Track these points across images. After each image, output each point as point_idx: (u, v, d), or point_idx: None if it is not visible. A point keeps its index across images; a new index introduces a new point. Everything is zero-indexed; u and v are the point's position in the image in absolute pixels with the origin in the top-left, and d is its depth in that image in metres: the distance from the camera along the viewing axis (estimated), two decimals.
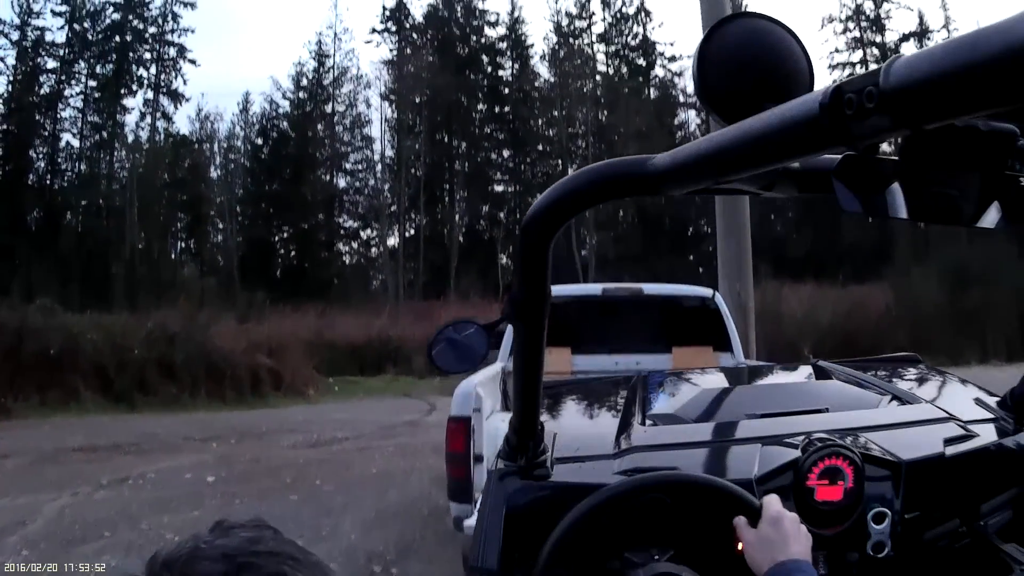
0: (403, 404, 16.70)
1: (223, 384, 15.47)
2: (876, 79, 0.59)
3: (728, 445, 1.97)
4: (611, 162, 1.11)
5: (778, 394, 2.39)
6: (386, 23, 42.04)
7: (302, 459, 9.44)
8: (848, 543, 1.70)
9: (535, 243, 1.29)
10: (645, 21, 41.87)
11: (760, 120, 0.76)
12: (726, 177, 0.89)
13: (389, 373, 21.97)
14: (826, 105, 0.64)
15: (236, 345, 16.95)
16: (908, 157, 0.68)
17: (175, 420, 13.04)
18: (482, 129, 42.94)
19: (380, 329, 24.29)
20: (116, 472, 8.69)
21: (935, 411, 2.04)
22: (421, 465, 8.69)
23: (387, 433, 12.09)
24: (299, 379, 17.77)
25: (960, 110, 0.56)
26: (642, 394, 2.43)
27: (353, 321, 26.06)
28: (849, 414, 2.04)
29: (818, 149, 0.71)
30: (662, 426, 2.13)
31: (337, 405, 16.50)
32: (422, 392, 18.92)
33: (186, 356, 14.98)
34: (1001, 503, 1.84)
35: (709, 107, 0.89)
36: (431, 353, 1.63)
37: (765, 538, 1.39)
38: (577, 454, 1.90)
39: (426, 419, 14.03)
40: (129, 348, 14.28)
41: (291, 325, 24.59)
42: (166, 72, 38.96)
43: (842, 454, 1.68)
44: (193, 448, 10.32)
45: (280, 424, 12.90)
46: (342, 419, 13.58)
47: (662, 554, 1.51)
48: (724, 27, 0.90)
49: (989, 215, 0.73)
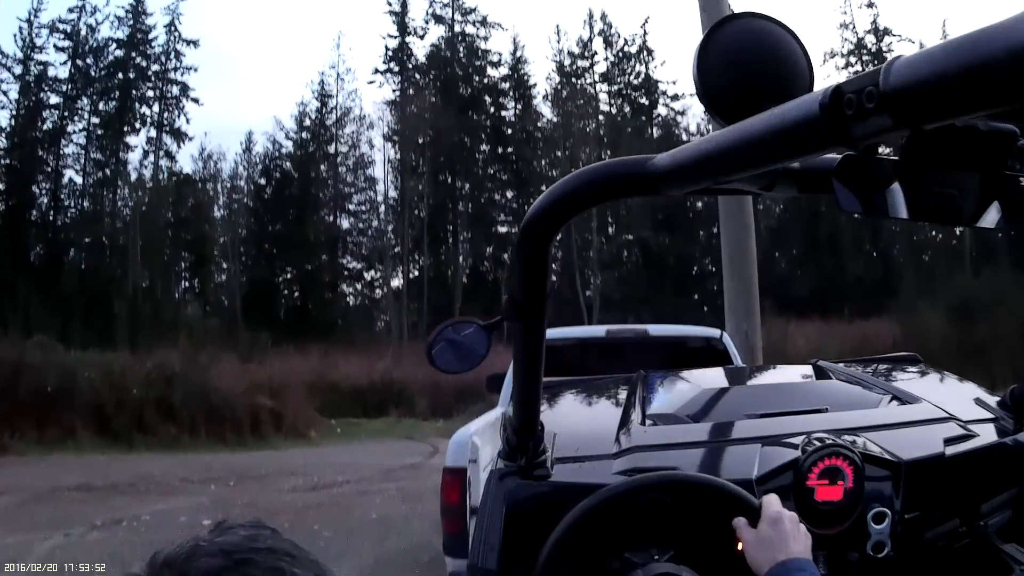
0: (405, 447, 16.48)
1: (223, 425, 15.24)
2: (876, 79, 0.59)
3: (728, 445, 1.97)
4: (611, 162, 1.11)
5: (778, 394, 2.37)
6: (389, 63, 42.23)
7: (300, 503, 9.22)
8: (848, 543, 1.71)
9: (535, 243, 1.30)
10: (647, 60, 42.05)
11: (760, 120, 0.76)
12: (726, 177, 0.90)
13: (392, 415, 21.76)
14: (826, 105, 0.65)
15: (237, 386, 16.75)
16: (908, 157, 0.68)
17: (173, 461, 12.78)
18: (485, 170, 42.92)
19: (383, 371, 24.05)
20: (111, 513, 8.47)
21: (935, 411, 2.04)
22: (422, 510, 8.45)
23: (388, 476, 11.88)
24: (300, 420, 17.56)
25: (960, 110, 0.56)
26: (642, 394, 2.41)
27: (356, 362, 25.85)
28: (849, 414, 2.04)
29: (818, 149, 0.73)
30: (662, 426, 2.13)
31: (339, 447, 16.29)
32: (425, 434, 18.72)
33: (185, 396, 14.75)
34: (1001, 503, 1.85)
35: (709, 107, 0.89)
36: (430, 352, 1.60)
37: (765, 538, 1.38)
38: (577, 454, 1.91)
39: (429, 462, 13.79)
40: (128, 387, 14.06)
41: (294, 366, 24.44)
42: (169, 110, 39.11)
43: (842, 454, 1.68)
44: (190, 490, 10.11)
45: (280, 466, 12.66)
46: (343, 462, 13.36)
47: (662, 554, 1.52)
48: (724, 27, 0.90)
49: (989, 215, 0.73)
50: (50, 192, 37.60)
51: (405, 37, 42.22)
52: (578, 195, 1.16)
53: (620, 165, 1.08)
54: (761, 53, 0.90)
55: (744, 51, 0.89)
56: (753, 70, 0.89)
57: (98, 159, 38.03)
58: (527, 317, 1.45)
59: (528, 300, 1.40)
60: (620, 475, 1.76)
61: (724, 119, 0.85)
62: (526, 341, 1.53)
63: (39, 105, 37.04)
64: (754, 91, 0.85)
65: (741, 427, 2.01)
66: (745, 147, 0.79)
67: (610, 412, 2.32)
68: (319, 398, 20.91)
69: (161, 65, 38.97)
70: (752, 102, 0.81)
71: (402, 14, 42.19)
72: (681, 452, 1.89)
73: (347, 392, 22.59)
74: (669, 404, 2.33)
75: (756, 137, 0.77)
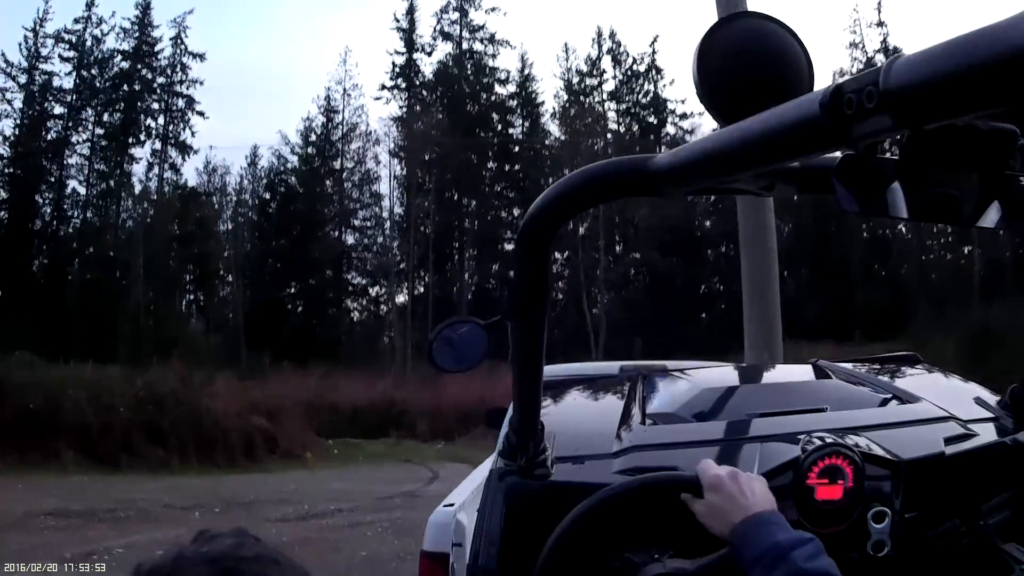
0: (403, 472, 15.99)
1: (214, 448, 14.60)
2: (876, 79, 0.59)
3: (728, 444, 1.93)
4: (611, 161, 1.11)
5: (778, 393, 2.32)
6: (396, 80, 42.19)
7: (287, 535, 8.61)
8: (848, 543, 1.67)
9: (535, 242, 1.29)
10: (656, 79, 41.91)
11: (760, 120, 0.76)
12: (726, 177, 0.92)
13: (391, 437, 21.17)
14: (826, 105, 0.65)
15: (231, 406, 16.19)
16: (908, 157, 0.68)
17: (158, 485, 12.11)
18: (492, 187, 42.84)
19: (383, 391, 23.52)
20: (84, 544, 7.90)
21: (935, 410, 2.02)
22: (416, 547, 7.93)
23: (383, 505, 11.36)
24: (297, 442, 16.97)
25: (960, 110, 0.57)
26: (642, 393, 2.38)
27: (357, 383, 25.33)
28: (849, 413, 2.02)
29: (818, 149, 0.72)
30: (662, 425, 2.10)
31: (334, 472, 15.73)
32: (425, 457, 18.24)
33: (175, 418, 14.11)
34: (1001, 503, 1.82)
35: (709, 107, 0.88)
36: (430, 350, 1.60)
37: (713, 506, 1.35)
38: (577, 454, 1.91)
39: (426, 489, 13.33)
40: (116, 407, 13.42)
41: (293, 386, 23.98)
42: (174, 123, 39.01)
43: (842, 453, 1.66)
44: (172, 518, 9.51)
45: (271, 493, 12.08)
46: (337, 489, 12.84)
47: (662, 554, 1.50)
48: (724, 27, 0.90)
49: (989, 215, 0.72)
50: (53, 202, 37.53)
51: (412, 54, 42.27)
52: (578, 194, 1.16)
53: (620, 164, 1.08)
54: (761, 53, 0.89)
55: (744, 51, 0.89)
56: (753, 70, 0.88)
57: (102, 170, 38.04)
58: (527, 315, 1.45)
59: (528, 298, 1.40)
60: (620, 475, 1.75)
61: (724, 119, 0.84)
62: (526, 340, 1.52)
63: (43, 115, 37.10)
64: (754, 91, 0.84)
65: (741, 426, 1.99)
66: (745, 147, 0.79)
67: (610, 411, 2.26)
68: (317, 419, 20.43)
69: (167, 78, 38.92)
70: (752, 102, 0.79)
71: (410, 31, 42.19)
72: (681, 451, 1.87)
73: (346, 413, 22.08)
74: (669, 403, 2.29)
75: (756, 137, 0.76)
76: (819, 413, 2.02)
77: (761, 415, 2.02)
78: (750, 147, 0.78)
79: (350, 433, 21.08)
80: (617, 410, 2.24)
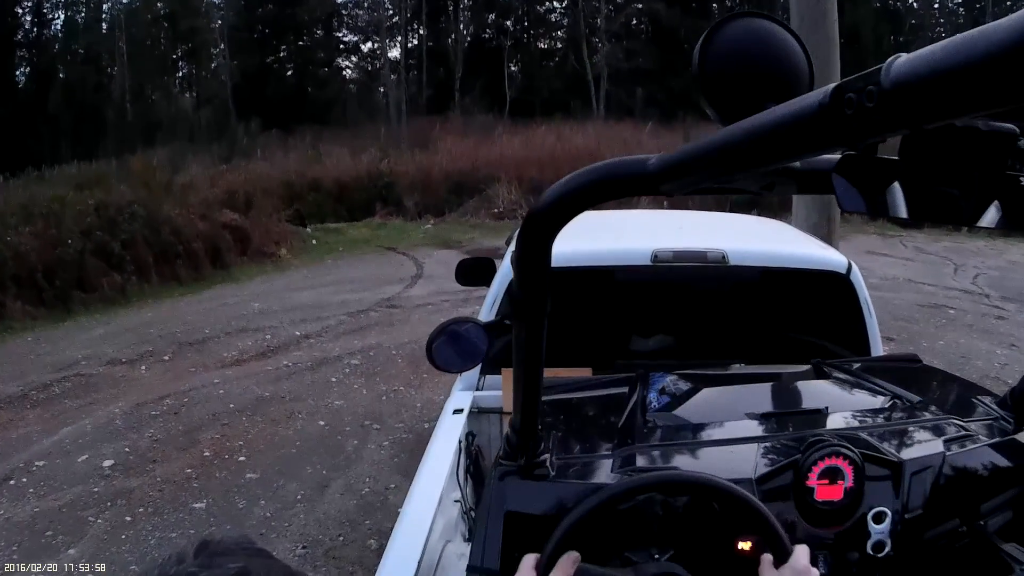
0: (385, 266, 14.79)
1: (174, 263, 13.34)
2: (876, 79, 0.59)
3: (728, 444, 1.93)
4: (612, 161, 1.09)
5: (778, 394, 2.30)
6: None
7: (234, 402, 7.54)
8: (848, 543, 1.71)
9: (536, 242, 1.27)
10: None
11: (760, 120, 0.76)
12: (726, 176, 0.91)
13: (377, 215, 19.99)
14: (826, 105, 0.65)
15: (196, 208, 14.89)
16: (908, 157, 0.69)
17: (109, 328, 10.80)
18: None
19: (369, 163, 22.09)
20: (2, 456, 6.41)
21: (935, 411, 2.06)
22: (387, 407, 7.08)
23: (355, 326, 10.28)
24: (270, 238, 15.78)
25: (960, 110, 0.57)
26: (642, 393, 2.32)
27: (344, 150, 23.90)
28: (849, 414, 2.04)
29: (818, 149, 0.73)
30: (662, 425, 2.09)
31: (308, 273, 14.39)
32: (411, 242, 17.13)
33: (130, 237, 12.78)
34: (1001, 503, 1.83)
35: (709, 106, 0.88)
36: (430, 349, 1.56)
37: None
38: (577, 454, 1.95)
39: (408, 293, 12.27)
40: (63, 240, 11.98)
41: (274, 164, 22.75)
42: None
43: (842, 454, 1.69)
44: (111, 386, 8.15)
45: (230, 318, 10.87)
46: (307, 302, 11.67)
47: (662, 554, 1.54)
48: (724, 27, 0.90)
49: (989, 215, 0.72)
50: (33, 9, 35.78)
51: None
52: (579, 194, 1.13)
53: (620, 165, 1.06)
54: (761, 53, 0.88)
55: (744, 51, 0.88)
56: (753, 70, 0.87)
57: None
58: (528, 316, 1.42)
59: (529, 299, 1.38)
60: (620, 474, 1.76)
61: (724, 119, 0.84)
62: (527, 340, 1.49)
63: None
64: (754, 91, 0.84)
65: (741, 427, 2.00)
66: (745, 146, 0.79)
67: (610, 412, 2.24)
68: (299, 201, 19.29)
69: None
70: (752, 102, 0.80)
71: None
72: (681, 451, 1.90)
73: (330, 190, 20.72)
74: (669, 404, 2.24)
75: (756, 136, 0.76)
76: (819, 414, 2.04)
77: (761, 415, 2.05)
78: (750, 146, 0.77)
79: (334, 213, 19.78)
80: (617, 410, 2.23)
